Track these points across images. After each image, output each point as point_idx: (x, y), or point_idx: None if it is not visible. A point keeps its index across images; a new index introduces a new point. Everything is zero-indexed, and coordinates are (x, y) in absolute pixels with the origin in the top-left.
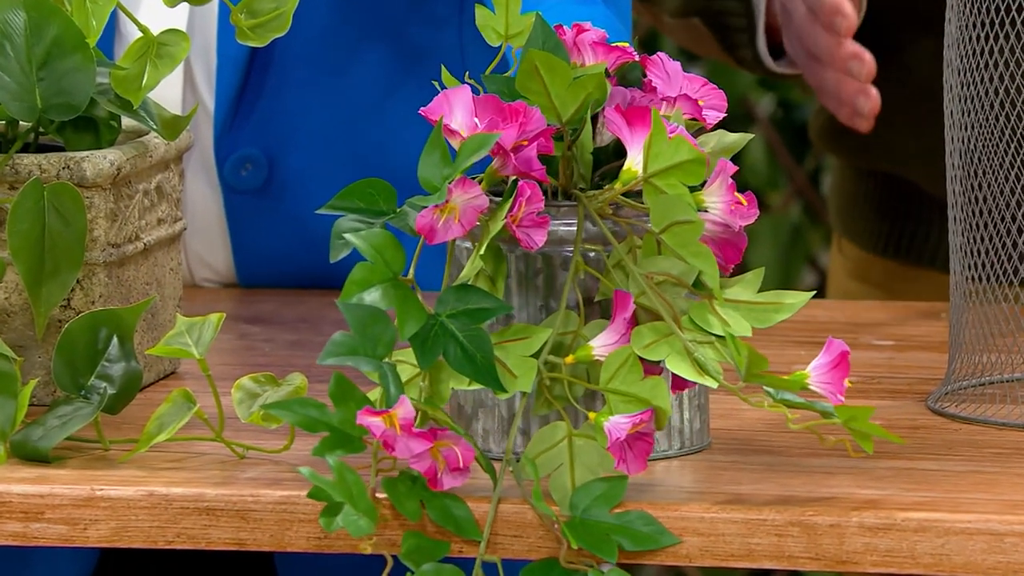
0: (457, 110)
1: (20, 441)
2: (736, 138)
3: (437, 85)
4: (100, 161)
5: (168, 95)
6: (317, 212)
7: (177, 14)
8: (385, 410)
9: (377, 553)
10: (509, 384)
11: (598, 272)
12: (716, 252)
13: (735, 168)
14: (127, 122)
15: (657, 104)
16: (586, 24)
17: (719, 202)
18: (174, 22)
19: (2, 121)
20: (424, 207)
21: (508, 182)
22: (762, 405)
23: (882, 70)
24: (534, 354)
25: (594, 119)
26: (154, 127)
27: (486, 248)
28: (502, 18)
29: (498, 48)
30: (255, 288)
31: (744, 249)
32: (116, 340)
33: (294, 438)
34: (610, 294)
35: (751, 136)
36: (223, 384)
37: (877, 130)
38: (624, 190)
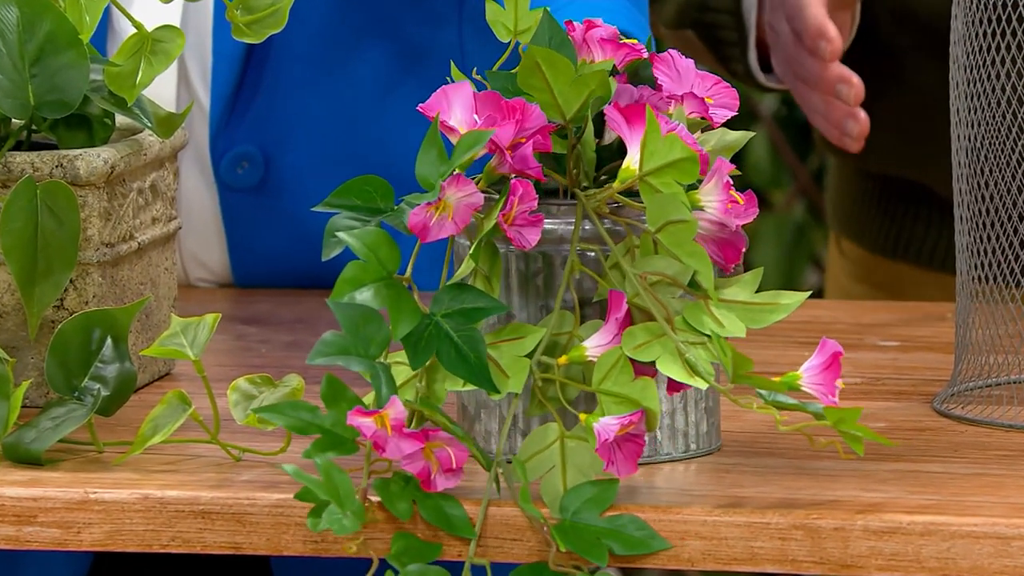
0: (456, 107)
1: (12, 443)
2: (737, 136)
3: (448, 80)
4: (94, 159)
5: (162, 92)
6: (313, 209)
7: (171, 10)
8: (376, 410)
9: (363, 556)
10: (502, 384)
11: (597, 272)
12: (715, 252)
13: (732, 167)
14: (121, 120)
15: (665, 102)
16: (597, 20)
17: (715, 201)
18: (168, 18)
19: None
20: (418, 205)
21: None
22: (751, 407)
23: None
24: (528, 354)
25: (601, 116)
26: (148, 125)
27: (482, 246)
28: (511, 13)
29: (498, 45)
30: (251, 288)
31: (745, 249)
32: (110, 341)
33: (291, 440)
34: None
35: (752, 134)
36: (219, 386)
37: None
38: (622, 189)
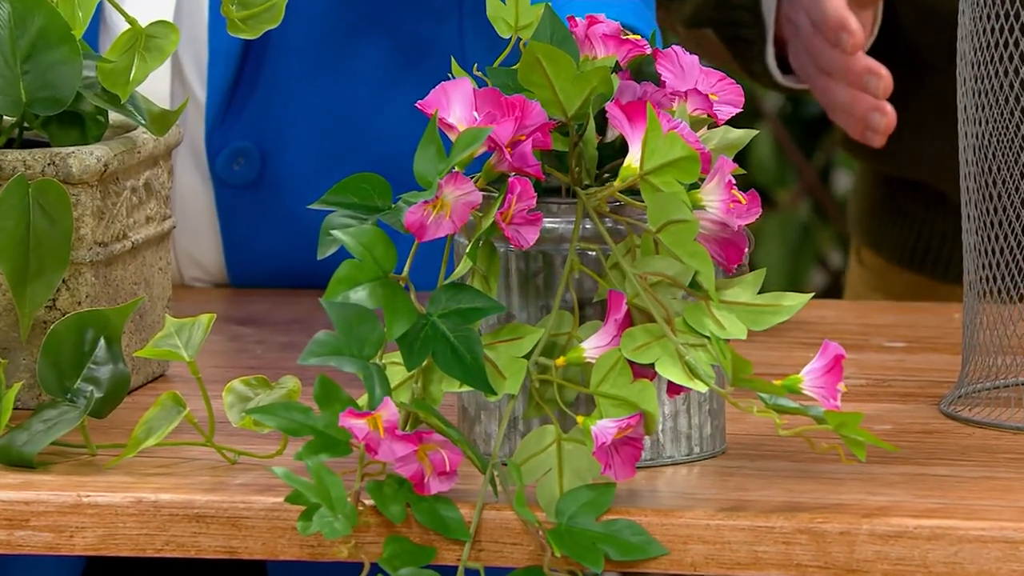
0: (455, 103)
1: (4, 446)
2: (740, 134)
3: (448, 76)
4: (87, 157)
5: (155, 88)
6: (309, 207)
7: (164, 5)
8: (369, 412)
9: (356, 560)
10: (499, 386)
11: (597, 272)
12: (717, 252)
13: (734, 165)
14: (114, 117)
15: (668, 99)
16: (600, 16)
17: (717, 200)
18: (161, 13)
19: None
20: (415, 203)
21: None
22: (751, 410)
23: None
24: (526, 355)
25: (603, 114)
26: (142, 122)
27: (480, 246)
28: (512, 9)
29: (499, 41)
30: (247, 288)
31: (748, 249)
32: (103, 342)
33: (287, 443)
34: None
35: (755, 132)
36: (214, 387)
37: (907, 136)
38: (623, 187)
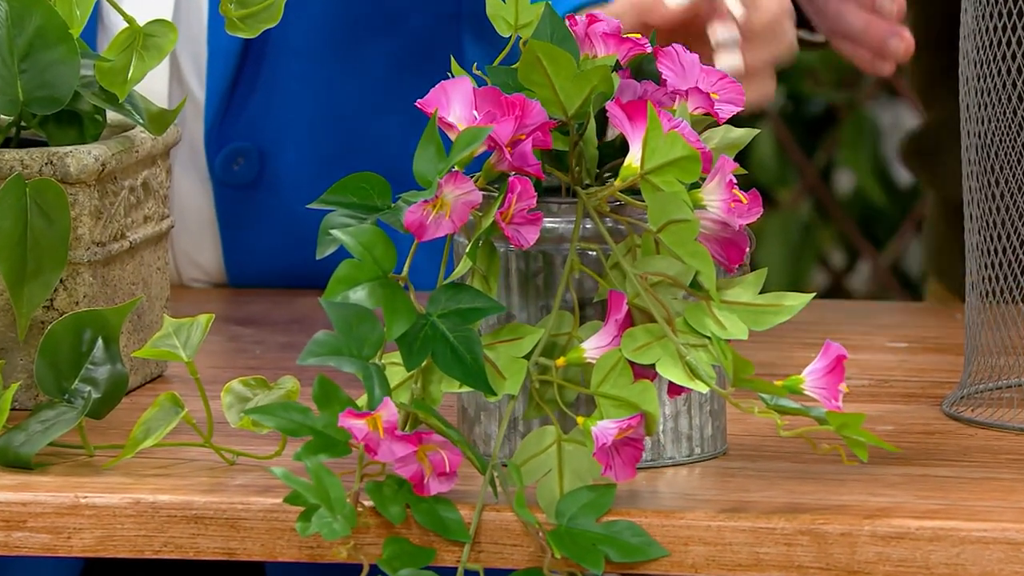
0: (455, 103)
1: (2, 447)
2: (742, 133)
3: (448, 76)
4: (84, 156)
5: (153, 88)
6: (308, 207)
7: (163, 4)
8: (368, 412)
9: (355, 561)
10: (499, 386)
11: (597, 272)
12: (718, 251)
13: (735, 165)
14: (112, 116)
15: (669, 98)
16: (599, 14)
17: (718, 200)
18: (160, 12)
19: None
20: (414, 202)
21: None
22: (752, 411)
23: None
24: (526, 355)
25: (604, 113)
26: (140, 121)
27: (480, 245)
28: (512, 7)
29: (500, 40)
30: (245, 288)
31: (749, 249)
32: (101, 342)
33: (285, 443)
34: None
35: (757, 131)
36: (212, 388)
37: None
38: (623, 187)
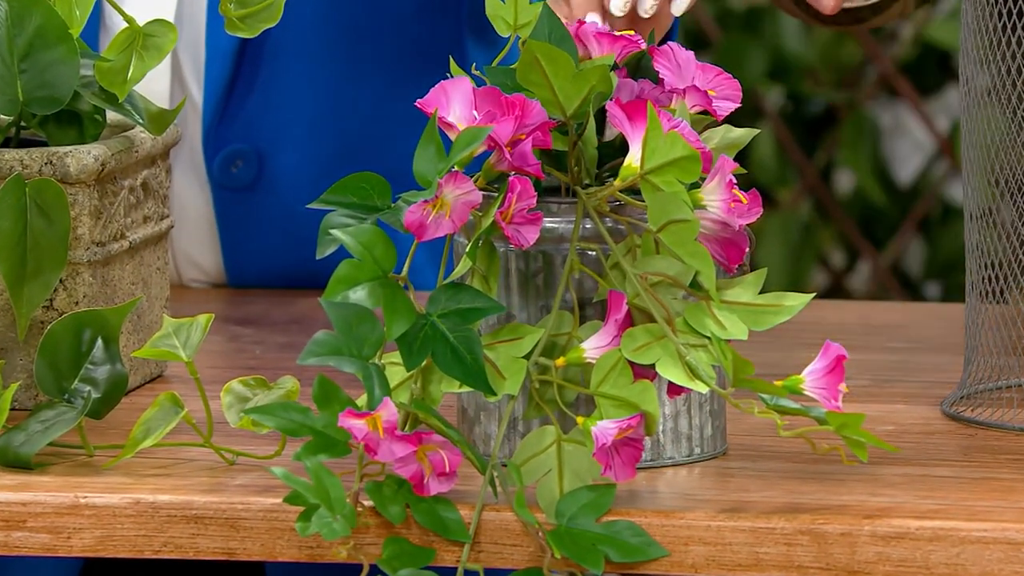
0: (455, 103)
1: (1, 447)
2: (742, 133)
3: (448, 76)
4: (84, 156)
5: (155, 88)
6: (308, 207)
7: (165, 4)
8: (368, 412)
9: (355, 561)
10: (499, 386)
11: (597, 272)
12: (718, 252)
13: (735, 165)
14: (112, 116)
15: (667, 96)
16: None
17: (718, 200)
18: (162, 12)
19: None
20: (414, 202)
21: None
22: (752, 411)
23: None
24: (526, 355)
25: (603, 112)
26: (140, 121)
27: (480, 245)
28: (511, 7)
29: (499, 42)
30: (245, 288)
31: (749, 249)
32: (101, 342)
33: (285, 443)
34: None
35: (757, 131)
36: (212, 388)
37: None
38: (623, 187)
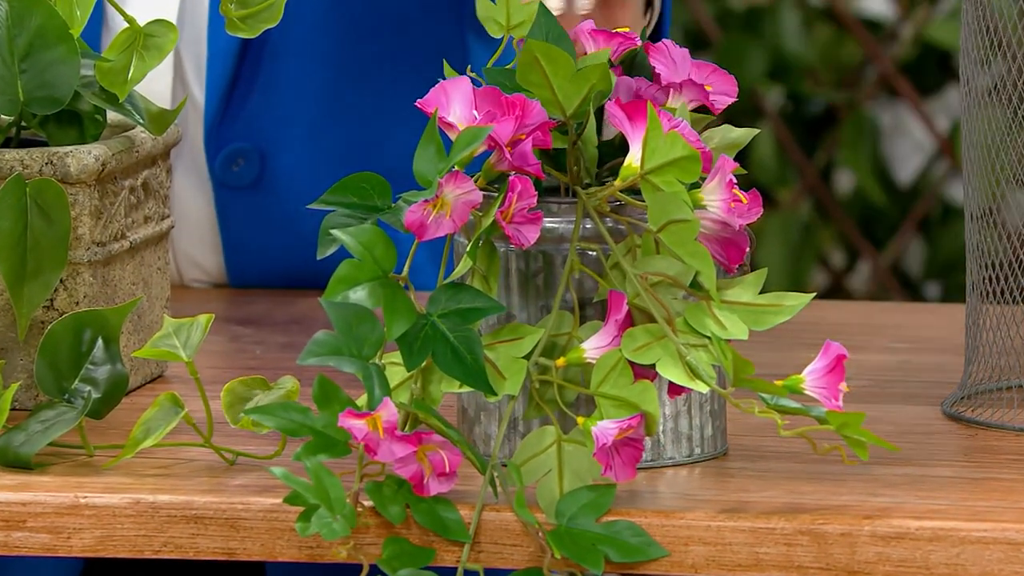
0: (455, 102)
1: (2, 447)
2: (741, 133)
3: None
4: (84, 156)
5: (157, 88)
6: (308, 207)
7: (168, 4)
8: (368, 412)
9: (355, 561)
10: (499, 386)
11: (597, 272)
12: (718, 251)
13: (735, 165)
14: (113, 116)
15: (662, 92)
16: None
17: (718, 200)
18: (164, 12)
19: None
20: (415, 202)
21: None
22: (753, 411)
23: None
24: (526, 356)
25: (602, 111)
26: (141, 121)
27: (480, 245)
28: (503, 8)
29: (500, 42)
30: (246, 288)
31: (748, 249)
32: (101, 342)
33: (285, 443)
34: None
35: (756, 131)
36: (212, 388)
37: None
38: (624, 187)
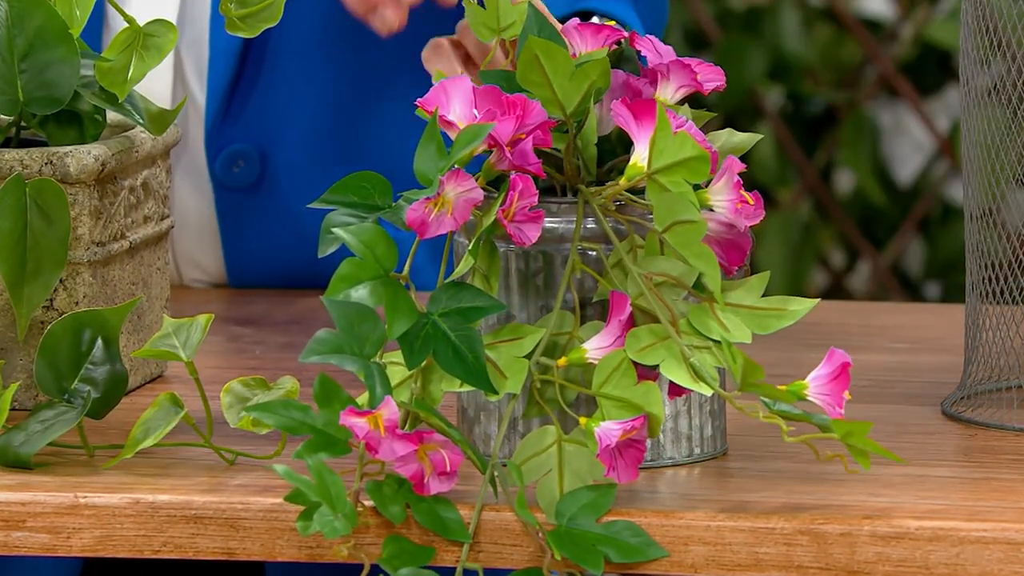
0: (455, 101)
1: (1, 447)
2: (744, 138)
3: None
4: (84, 156)
5: (157, 88)
6: (309, 207)
7: (168, 4)
8: (369, 411)
9: (355, 560)
10: (500, 385)
11: (597, 272)
12: (719, 253)
13: (742, 166)
14: (112, 116)
15: (651, 83)
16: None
17: (724, 201)
18: (164, 12)
19: None
20: (416, 200)
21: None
22: (757, 415)
23: None
24: (527, 355)
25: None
26: (140, 121)
27: (481, 244)
28: (492, 12)
29: None
30: (246, 288)
31: (749, 251)
32: (100, 342)
33: (285, 443)
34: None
35: (760, 136)
36: (212, 388)
37: None
38: (629, 186)
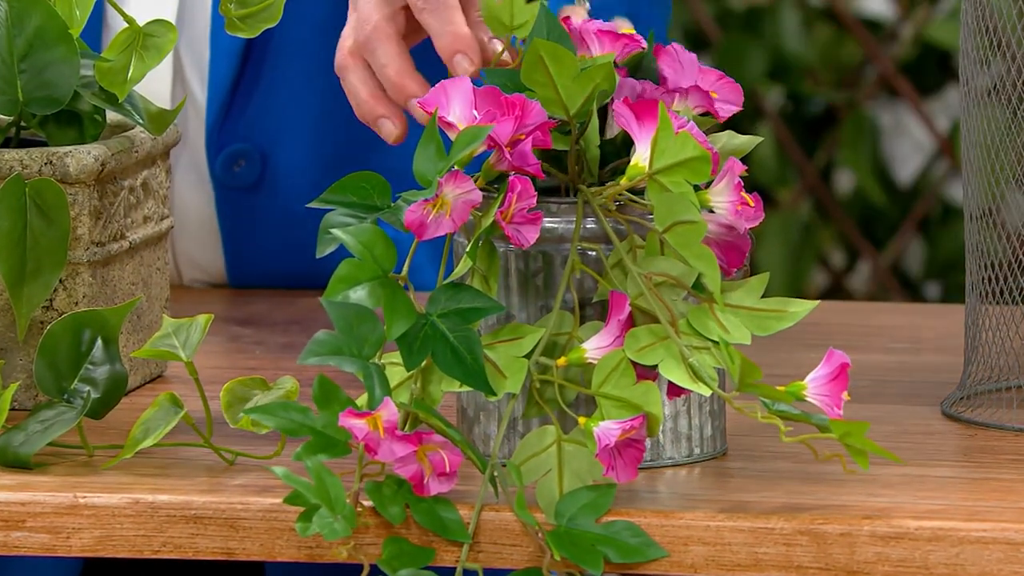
0: (455, 102)
1: (1, 447)
2: (745, 140)
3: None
4: (84, 156)
5: (156, 88)
6: (308, 206)
7: (168, 4)
8: (368, 412)
9: (355, 561)
10: (499, 386)
11: (597, 272)
12: (718, 255)
13: (743, 167)
14: (112, 116)
15: (668, 96)
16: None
17: (725, 202)
18: (164, 12)
19: None
20: (415, 201)
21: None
22: (755, 415)
23: None
24: (526, 355)
25: (603, 111)
26: (140, 121)
27: (480, 245)
28: (507, 8)
29: None
30: (246, 288)
31: (748, 252)
32: (100, 342)
33: (284, 443)
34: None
35: (760, 139)
36: (212, 388)
37: None
38: (630, 186)
